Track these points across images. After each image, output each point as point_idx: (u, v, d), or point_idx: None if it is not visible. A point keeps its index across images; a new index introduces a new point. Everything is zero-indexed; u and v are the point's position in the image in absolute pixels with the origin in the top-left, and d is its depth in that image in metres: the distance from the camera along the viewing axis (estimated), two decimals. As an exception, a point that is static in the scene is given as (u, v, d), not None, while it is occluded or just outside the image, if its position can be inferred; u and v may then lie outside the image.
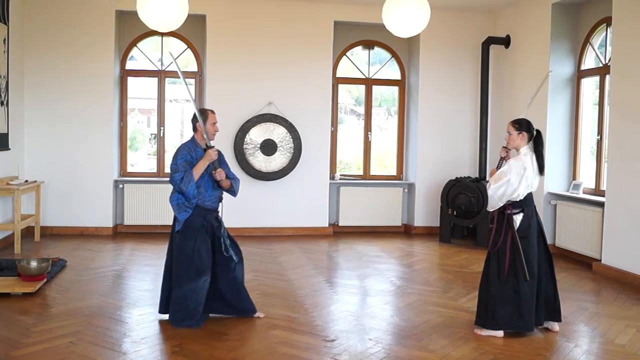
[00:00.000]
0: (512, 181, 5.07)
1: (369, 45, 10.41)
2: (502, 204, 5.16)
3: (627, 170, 7.21)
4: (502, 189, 5.10)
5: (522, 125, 5.23)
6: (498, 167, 5.31)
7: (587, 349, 4.97)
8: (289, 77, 9.73)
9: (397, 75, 10.58)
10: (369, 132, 10.43)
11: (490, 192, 5.16)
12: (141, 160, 10.31)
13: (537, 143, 5.24)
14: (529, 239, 5.15)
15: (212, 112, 5.36)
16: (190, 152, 5.22)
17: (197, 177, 5.11)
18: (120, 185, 9.54)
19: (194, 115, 5.29)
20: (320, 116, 9.87)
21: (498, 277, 5.15)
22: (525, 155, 5.18)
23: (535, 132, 5.26)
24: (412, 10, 5.89)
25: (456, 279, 7.18)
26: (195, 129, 5.32)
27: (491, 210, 5.26)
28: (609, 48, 8.07)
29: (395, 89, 10.67)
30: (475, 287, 6.51)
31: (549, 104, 8.59)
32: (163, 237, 9.22)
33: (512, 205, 5.16)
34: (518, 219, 5.17)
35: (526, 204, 5.18)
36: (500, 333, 5.14)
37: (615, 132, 7.42)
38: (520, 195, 5.13)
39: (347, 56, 10.35)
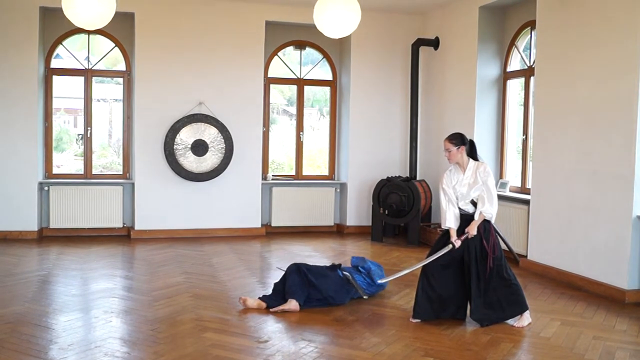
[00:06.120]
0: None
1: (300, 45, 10.42)
2: None
3: (550, 168, 7.44)
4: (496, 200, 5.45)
5: (458, 140, 5.51)
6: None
7: (515, 342, 5.10)
8: (220, 77, 9.63)
9: (328, 76, 10.63)
10: (301, 132, 10.44)
11: (494, 210, 5.41)
12: (68, 161, 10.00)
13: (472, 152, 5.55)
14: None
15: None
16: None
17: None
18: (46, 188, 9.24)
19: None
20: (251, 116, 9.81)
21: (498, 274, 5.44)
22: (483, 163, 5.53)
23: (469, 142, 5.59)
24: (343, 11, 5.96)
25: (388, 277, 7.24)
26: None
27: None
28: (533, 50, 8.32)
29: (327, 89, 10.71)
30: (407, 285, 6.62)
31: (476, 105, 8.80)
32: (90, 241, 9.01)
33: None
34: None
35: None
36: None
37: (539, 132, 7.65)
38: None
39: (278, 56, 10.33)
